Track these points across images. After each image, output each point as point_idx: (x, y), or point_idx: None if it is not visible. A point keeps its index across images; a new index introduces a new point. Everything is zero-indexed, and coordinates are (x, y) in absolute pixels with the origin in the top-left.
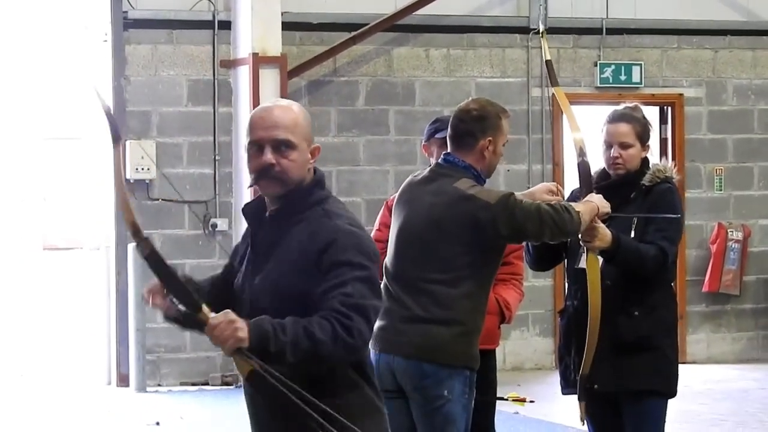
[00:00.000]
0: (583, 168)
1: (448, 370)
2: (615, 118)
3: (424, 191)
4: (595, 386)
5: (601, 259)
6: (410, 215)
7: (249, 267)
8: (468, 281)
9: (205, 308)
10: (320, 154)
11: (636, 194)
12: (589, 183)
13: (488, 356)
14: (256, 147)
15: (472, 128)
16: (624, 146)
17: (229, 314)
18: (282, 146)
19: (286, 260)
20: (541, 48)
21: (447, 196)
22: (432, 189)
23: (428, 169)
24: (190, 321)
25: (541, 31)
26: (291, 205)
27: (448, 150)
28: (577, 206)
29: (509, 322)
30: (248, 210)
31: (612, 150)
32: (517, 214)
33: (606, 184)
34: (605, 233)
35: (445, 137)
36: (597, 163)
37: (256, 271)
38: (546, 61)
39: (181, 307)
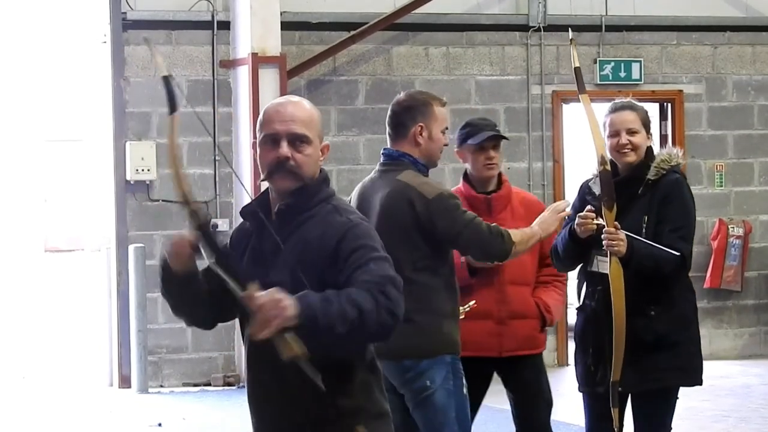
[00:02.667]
0: (605, 177)
1: (426, 361)
2: (619, 107)
3: (374, 190)
4: (619, 388)
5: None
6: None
7: (254, 266)
8: (425, 272)
9: (252, 286)
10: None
11: (643, 189)
12: (611, 192)
13: (532, 361)
14: (270, 140)
15: (402, 117)
16: (631, 132)
17: (275, 293)
18: (297, 140)
19: (302, 256)
20: (540, 45)
21: (390, 189)
22: (378, 186)
23: (375, 170)
24: (236, 298)
25: (570, 38)
26: (301, 201)
27: (388, 144)
28: (515, 234)
29: (551, 324)
30: (248, 211)
31: (621, 137)
32: (458, 221)
33: (615, 181)
34: (622, 238)
35: (479, 142)
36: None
37: (265, 268)
38: (575, 68)
39: (228, 283)
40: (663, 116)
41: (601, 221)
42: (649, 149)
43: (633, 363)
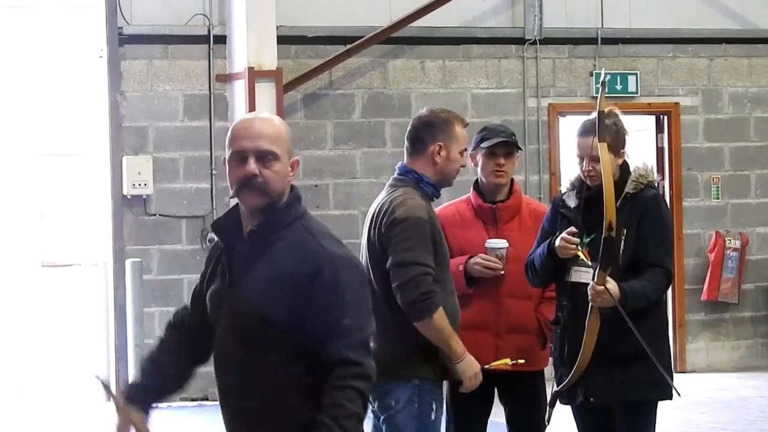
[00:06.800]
0: (608, 243)
1: (394, 382)
2: (584, 131)
3: (375, 206)
4: (591, 399)
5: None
6: (365, 235)
7: (225, 282)
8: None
9: None
10: (314, 166)
11: (622, 202)
12: (611, 258)
13: (530, 378)
14: (238, 157)
15: (422, 134)
16: (595, 159)
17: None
18: (265, 157)
19: (272, 280)
20: (536, 58)
21: (381, 204)
22: (379, 201)
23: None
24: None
25: (601, 80)
26: (272, 221)
27: (404, 159)
28: (441, 320)
29: (552, 341)
30: (221, 225)
31: (584, 163)
32: (400, 255)
33: (589, 195)
34: (615, 293)
35: (489, 146)
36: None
37: (235, 287)
38: (598, 111)
39: None
40: (659, 129)
41: (582, 256)
42: (624, 164)
43: (607, 375)
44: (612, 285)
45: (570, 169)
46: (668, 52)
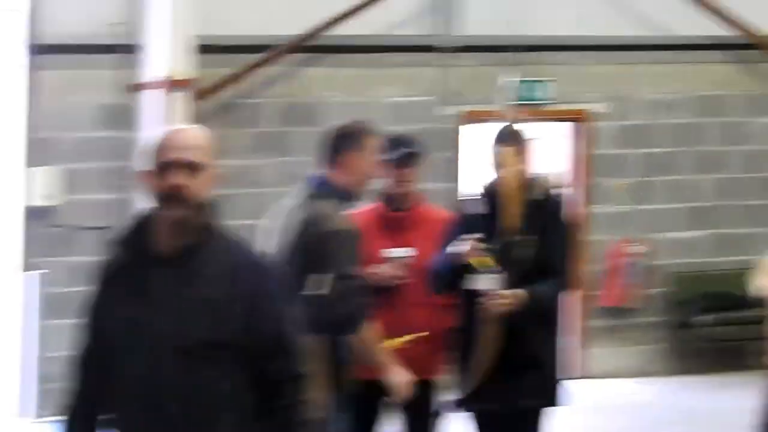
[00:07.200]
0: (510, 248)
1: None
2: (497, 140)
3: (295, 217)
4: (487, 406)
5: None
6: (285, 243)
7: (146, 302)
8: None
9: None
10: (228, 176)
11: (526, 209)
12: (516, 265)
13: (428, 386)
14: (163, 168)
15: (336, 144)
16: (505, 166)
17: None
18: (190, 168)
19: (213, 300)
20: (450, 67)
21: (308, 218)
22: (299, 212)
23: (297, 194)
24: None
25: (501, 86)
26: (203, 236)
27: (313, 169)
28: (371, 334)
29: (453, 349)
30: (127, 241)
31: (496, 171)
32: (340, 262)
33: (496, 202)
34: (520, 298)
35: (392, 158)
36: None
37: (163, 307)
38: (502, 116)
39: None
40: (571, 135)
41: (485, 262)
42: (531, 172)
43: (501, 382)
44: (514, 291)
45: (479, 177)
46: (580, 60)
